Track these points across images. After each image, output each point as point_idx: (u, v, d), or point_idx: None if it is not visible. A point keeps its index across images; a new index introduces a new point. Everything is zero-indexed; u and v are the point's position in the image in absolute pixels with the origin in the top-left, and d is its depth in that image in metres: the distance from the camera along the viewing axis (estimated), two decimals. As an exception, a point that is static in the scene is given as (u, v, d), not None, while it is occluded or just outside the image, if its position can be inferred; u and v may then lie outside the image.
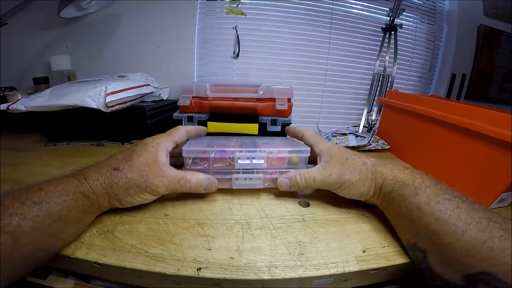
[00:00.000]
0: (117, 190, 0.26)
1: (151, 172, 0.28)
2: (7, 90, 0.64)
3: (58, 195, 0.23)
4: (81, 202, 0.24)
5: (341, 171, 0.29)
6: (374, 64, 0.77)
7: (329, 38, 0.82)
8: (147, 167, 0.28)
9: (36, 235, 0.21)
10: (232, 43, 0.79)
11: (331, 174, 0.30)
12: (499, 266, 0.18)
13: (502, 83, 1.00)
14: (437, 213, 0.22)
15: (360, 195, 0.30)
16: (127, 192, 0.27)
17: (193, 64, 0.81)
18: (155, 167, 0.28)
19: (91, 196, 0.25)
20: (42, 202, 0.22)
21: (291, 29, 0.80)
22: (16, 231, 0.19)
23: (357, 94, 0.88)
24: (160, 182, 0.28)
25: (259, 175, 0.34)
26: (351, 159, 0.30)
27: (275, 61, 0.82)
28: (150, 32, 0.78)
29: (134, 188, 0.27)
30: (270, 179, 0.35)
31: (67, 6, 0.61)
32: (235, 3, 0.76)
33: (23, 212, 0.20)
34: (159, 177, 0.28)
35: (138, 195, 0.28)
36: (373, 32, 0.83)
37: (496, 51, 0.95)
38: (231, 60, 0.80)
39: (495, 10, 0.91)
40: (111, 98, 0.47)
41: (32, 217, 0.21)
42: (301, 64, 0.83)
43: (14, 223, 0.19)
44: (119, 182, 0.26)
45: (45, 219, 0.21)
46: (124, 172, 0.27)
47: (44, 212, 0.21)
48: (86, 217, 0.26)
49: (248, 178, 0.34)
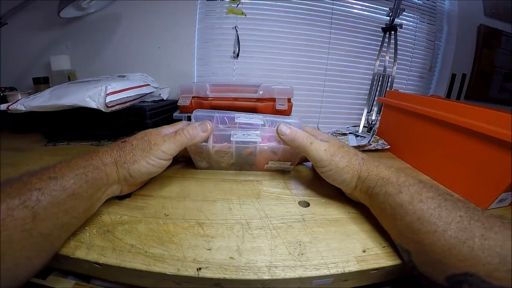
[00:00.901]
0: (125, 157, 0.28)
1: (152, 136, 0.31)
2: (7, 90, 0.64)
3: (71, 170, 0.24)
4: (91, 175, 0.25)
5: (335, 152, 0.31)
6: (374, 64, 0.77)
7: (329, 38, 0.82)
8: (149, 134, 0.31)
9: (54, 211, 0.21)
10: (232, 43, 0.79)
11: (327, 149, 0.31)
12: (480, 266, 0.18)
13: (502, 83, 1.00)
14: (419, 212, 0.22)
15: (341, 182, 0.31)
16: (134, 158, 0.28)
17: (193, 64, 0.81)
18: (155, 133, 0.32)
19: (101, 167, 0.26)
20: (57, 176, 0.22)
21: (291, 29, 0.80)
22: (36, 206, 0.20)
23: (357, 94, 0.88)
24: (161, 141, 0.30)
25: (257, 131, 0.36)
26: (346, 147, 0.33)
27: (275, 61, 0.82)
28: (150, 32, 0.78)
29: (140, 152, 0.29)
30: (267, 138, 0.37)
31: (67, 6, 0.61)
32: (235, 3, 0.76)
33: (41, 187, 0.21)
34: (159, 138, 0.31)
35: (145, 159, 0.29)
36: (373, 32, 0.83)
37: (496, 51, 0.95)
38: (231, 60, 0.80)
39: (495, 10, 0.91)
40: (111, 98, 0.47)
41: (50, 191, 0.21)
42: (301, 64, 0.83)
43: (34, 198, 0.20)
44: (126, 149, 0.28)
45: (61, 194, 0.22)
46: (130, 141, 0.30)
47: (59, 187, 0.22)
48: (96, 192, 0.26)
49: (247, 134, 0.36)
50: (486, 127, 0.34)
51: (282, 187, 0.38)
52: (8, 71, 0.75)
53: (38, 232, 0.20)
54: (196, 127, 0.33)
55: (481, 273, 0.18)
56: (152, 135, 0.31)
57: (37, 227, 0.20)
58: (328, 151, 0.31)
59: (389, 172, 0.27)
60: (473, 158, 0.37)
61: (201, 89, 0.55)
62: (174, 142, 0.31)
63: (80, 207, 0.24)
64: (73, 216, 0.23)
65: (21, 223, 0.19)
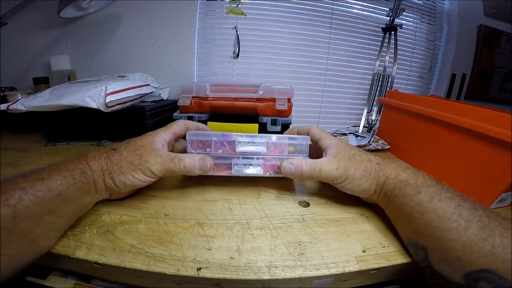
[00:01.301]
0: (111, 167, 0.27)
1: (145, 151, 0.29)
2: (7, 90, 0.64)
3: (58, 172, 0.24)
4: (78, 178, 0.25)
5: (347, 166, 0.29)
6: (374, 64, 0.77)
7: (329, 38, 0.82)
8: (142, 148, 0.29)
9: (36, 210, 0.21)
10: (232, 43, 0.79)
11: (338, 167, 0.29)
12: (500, 263, 0.18)
13: (502, 83, 1.00)
14: (439, 210, 0.23)
15: (361, 191, 0.30)
16: (121, 169, 0.27)
17: (193, 64, 0.81)
18: (150, 148, 0.29)
19: (88, 173, 0.26)
20: (44, 178, 0.23)
21: (291, 29, 0.80)
22: (17, 205, 0.20)
23: (357, 94, 0.88)
24: (154, 160, 0.28)
25: (259, 161, 0.34)
26: (358, 155, 0.31)
27: (275, 61, 0.82)
28: (150, 32, 0.78)
29: (127, 165, 0.27)
30: (271, 166, 0.34)
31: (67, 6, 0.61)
32: (235, 3, 0.76)
33: (26, 186, 0.21)
34: (153, 156, 0.29)
35: (131, 173, 0.28)
36: (373, 32, 0.83)
37: (496, 51, 0.95)
38: (231, 60, 0.80)
39: (495, 10, 0.91)
40: (111, 98, 0.47)
41: (34, 191, 0.21)
42: (301, 64, 0.83)
43: (16, 197, 0.20)
44: (114, 159, 0.27)
45: (46, 194, 0.22)
46: (120, 151, 0.28)
47: (44, 187, 0.22)
48: (83, 196, 0.26)
49: (248, 163, 0.33)
50: (486, 127, 0.34)
51: (282, 187, 0.38)
52: (8, 71, 0.75)
53: (18, 230, 0.20)
54: (195, 163, 0.30)
55: (499, 270, 0.18)
56: (146, 150, 0.29)
57: (17, 225, 0.20)
58: (340, 169, 0.29)
59: (407, 174, 0.27)
60: (473, 158, 0.37)
61: (201, 89, 0.55)
62: (166, 167, 0.29)
63: (67, 207, 0.24)
64: (58, 216, 0.23)
65: (2, 221, 0.19)
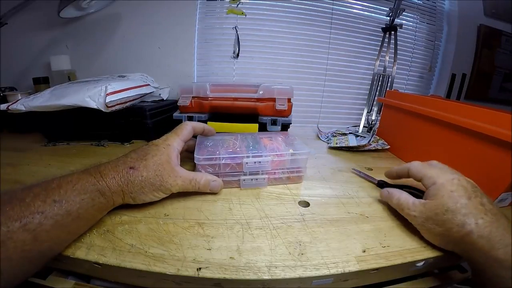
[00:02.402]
0: (133, 188, 0.27)
1: (165, 172, 0.29)
2: (7, 90, 0.64)
3: (77, 194, 0.23)
4: (97, 200, 0.25)
5: (428, 219, 0.26)
6: (374, 64, 0.77)
7: (329, 38, 0.82)
8: (161, 167, 0.29)
9: (56, 233, 0.21)
10: (232, 43, 0.78)
11: (419, 216, 0.27)
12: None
13: (502, 83, 1.00)
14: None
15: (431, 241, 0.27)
16: (142, 190, 0.28)
17: (193, 64, 0.81)
18: (169, 168, 0.30)
19: (107, 194, 0.26)
20: (62, 200, 0.22)
21: (291, 29, 0.80)
22: (38, 229, 0.20)
23: (357, 94, 0.88)
24: (174, 182, 0.30)
25: (264, 175, 0.37)
26: (451, 213, 0.25)
27: (275, 61, 0.82)
28: (150, 32, 0.78)
29: (149, 186, 0.28)
30: (273, 178, 0.39)
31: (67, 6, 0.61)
32: (235, 3, 0.76)
33: (45, 210, 0.21)
34: (173, 177, 0.30)
35: (152, 193, 0.29)
36: (373, 32, 0.83)
37: (496, 51, 0.95)
38: (231, 60, 0.80)
39: (495, 10, 0.91)
40: (111, 98, 0.47)
41: (53, 215, 0.21)
42: (301, 64, 0.83)
43: (36, 221, 0.20)
44: (135, 180, 0.27)
45: (65, 218, 0.22)
46: (139, 171, 0.28)
47: (64, 211, 0.22)
48: (99, 214, 0.27)
49: (254, 178, 0.37)
50: (486, 127, 0.34)
51: (282, 187, 0.38)
52: (8, 71, 0.75)
53: (38, 251, 0.20)
54: (209, 185, 0.33)
55: None
56: (166, 170, 0.29)
57: (37, 247, 0.20)
58: (420, 218, 0.27)
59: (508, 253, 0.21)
60: (473, 158, 0.37)
61: (201, 89, 0.55)
62: (184, 187, 0.31)
63: (84, 226, 0.25)
64: (75, 234, 0.24)
65: (21, 244, 0.19)
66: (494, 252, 0.22)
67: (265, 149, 0.39)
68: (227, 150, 0.37)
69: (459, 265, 0.31)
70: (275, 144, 0.41)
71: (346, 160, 0.52)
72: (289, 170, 0.38)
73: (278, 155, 0.37)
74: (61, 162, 0.44)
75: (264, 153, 0.36)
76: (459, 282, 0.31)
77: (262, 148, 0.39)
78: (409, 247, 0.27)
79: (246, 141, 0.42)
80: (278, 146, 0.40)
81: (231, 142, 0.41)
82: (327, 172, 0.45)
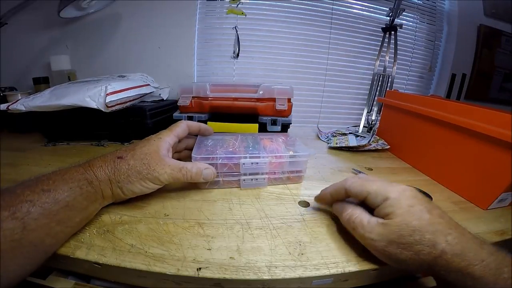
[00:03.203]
0: (119, 177, 0.27)
1: (153, 160, 0.29)
2: (7, 90, 0.64)
3: (65, 183, 0.24)
4: (85, 188, 0.25)
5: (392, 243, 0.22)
6: (374, 64, 0.77)
7: (329, 38, 0.82)
8: (148, 156, 0.29)
9: (45, 221, 0.21)
10: (232, 43, 0.79)
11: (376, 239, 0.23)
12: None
13: (502, 83, 1.00)
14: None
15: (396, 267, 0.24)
16: (129, 178, 0.27)
17: (193, 64, 0.81)
18: (157, 157, 0.30)
19: (95, 183, 0.26)
20: (50, 189, 0.23)
21: (291, 29, 0.80)
22: (26, 217, 0.20)
23: (357, 94, 0.88)
24: (162, 170, 0.29)
25: (264, 176, 0.37)
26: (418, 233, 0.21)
27: (275, 61, 0.82)
28: (150, 32, 0.78)
29: (135, 174, 0.28)
30: (273, 178, 0.39)
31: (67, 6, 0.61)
32: (235, 3, 0.76)
33: (33, 199, 0.21)
34: (160, 165, 0.29)
35: (139, 182, 0.28)
36: (373, 32, 0.83)
37: (496, 51, 0.95)
38: (231, 60, 0.80)
39: (495, 10, 0.91)
40: (111, 98, 0.47)
41: (41, 203, 0.21)
42: (301, 64, 0.83)
43: (24, 210, 0.20)
44: (121, 168, 0.27)
45: (53, 206, 0.22)
46: (126, 160, 0.28)
47: (52, 199, 0.22)
48: (91, 205, 0.26)
49: (254, 178, 0.37)
50: (486, 127, 0.34)
51: (282, 187, 0.38)
52: (8, 71, 0.75)
53: (28, 242, 0.20)
54: (201, 174, 0.32)
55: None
56: (153, 158, 0.29)
57: (27, 237, 0.20)
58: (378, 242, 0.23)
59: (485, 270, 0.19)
60: (473, 158, 0.37)
61: (201, 89, 0.55)
62: (174, 176, 0.30)
63: (75, 217, 0.25)
64: (67, 226, 0.24)
65: (10, 233, 0.19)
66: (470, 269, 0.20)
67: (265, 150, 0.38)
68: (226, 150, 0.37)
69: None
70: (275, 145, 0.41)
71: (346, 160, 0.52)
72: (289, 171, 0.38)
73: (277, 156, 0.36)
74: (61, 162, 0.44)
75: (262, 154, 0.36)
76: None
77: (261, 149, 0.38)
78: (409, 247, 0.27)
79: (246, 141, 0.42)
80: (278, 148, 0.40)
81: (231, 142, 0.41)
82: (327, 172, 0.45)
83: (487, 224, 0.32)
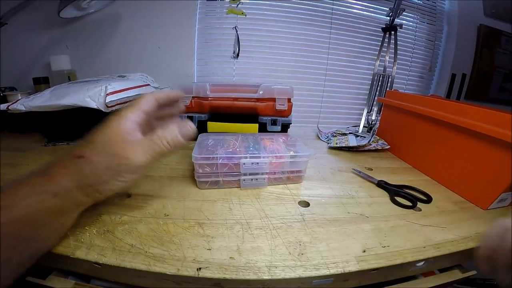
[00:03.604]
0: (87, 180, 0.23)
1: (118, 147, 0.24)
2: (7, 90, 0.64)
3: (25, 196, 0.21)
4: (49, 202, 0.21)
5: None
6: (374, 64, 0.77)
7: (329, 38, 0.82)
8: (111, 144, 0.24)
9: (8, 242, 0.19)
10: (232, 43, 0.79)
11: None
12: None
13: (502, 83, 1.00)
14: None
15: None
16: (99, 178, 0.23)
17: (193, 64, 0.81)
18: (121, 141, 0.24)
19: (62, 194, 0.22)
20: (6, 206, 0.19)
21: (291, 29, 0.80)
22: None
23: (357, 94, 0.88)
24: (132, 152, 0.24)
25: (264, 176, 0.37)
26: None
27: (275, 61, 0.82)
28: (150, 32, 0.78)
29: (105, 172, 0.23)
30: (273, 178, 0.39)
31: (67, 6, 0.61)
32: (235, 3, 0.76)
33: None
34: (129, 149, 0.24)
35: (114, 178, 0.24)
36: (373, 32, 0.83)
37: (496, 51, 0.95)
38: (231, 60, 0.80)
39: (495, 10, 0.91)
40: (111, 98, 0.47)
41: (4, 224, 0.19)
42: (301, 64, 0.83)
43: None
44: (86, 170, 0.23)
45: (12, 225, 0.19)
46: (88, 157, 0.23)
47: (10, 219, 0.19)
48: (62, 217, 0.23)
49: (254, 178, 0.37)
50: (486, 127, 0.34)
51: (282, 187, 0.38)
52: (8, 71, 0.75)
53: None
54: (176, 133, 0.26)
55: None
56: (117, 145, 0.24)
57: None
58: None
59: None
60: (473, 158, 0.37)
61: (201, 89, 0.55)
62: (151, 153, 0.25)
63: (44, 232, 0.22)
64: (37, 241, 0.21)
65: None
66: None
67: (265, 150, 0.39)
68: (226, 150, 0.37)
69: (459, 265, 0.31)
70: (276, 145, 0.41)
71: (346, 160, 0.52)
72: (289, 171, 0.38)
73: (277, 157, 0.37)
74: (61, 162, 0.44)
75: (263, 154, 0.36)
76: (460, 282, 0.31)
77: (262, 149, 0.39)
78: (409, 247, 0.27)
79: (247, 141, 0.42)
80: (278, 148, 0.40)
81: (231, 142, 0.41)
82: (327, 172, 0.45)
83: (487, 224, 0.32)
